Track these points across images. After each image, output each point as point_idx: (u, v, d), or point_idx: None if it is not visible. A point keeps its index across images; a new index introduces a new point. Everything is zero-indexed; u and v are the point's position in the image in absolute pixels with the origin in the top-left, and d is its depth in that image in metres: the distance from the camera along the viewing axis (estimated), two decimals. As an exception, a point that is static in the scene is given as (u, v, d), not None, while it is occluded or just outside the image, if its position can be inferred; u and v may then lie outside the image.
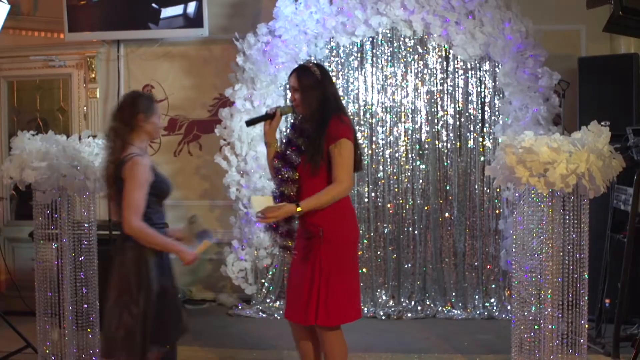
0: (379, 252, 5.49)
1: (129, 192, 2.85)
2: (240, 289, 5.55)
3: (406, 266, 5.45)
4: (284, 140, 3.28)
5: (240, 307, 5.47)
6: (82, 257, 3.65)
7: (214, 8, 5.87)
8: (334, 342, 3.15)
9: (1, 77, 6.31)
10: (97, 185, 3.65)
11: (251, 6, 5.91)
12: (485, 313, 5.24)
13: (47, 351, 3.63)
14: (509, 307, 5.07)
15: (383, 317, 5.26)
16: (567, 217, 3.27)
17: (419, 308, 5.34)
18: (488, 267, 5.35)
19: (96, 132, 4.96)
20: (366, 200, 5.48)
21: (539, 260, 3.33)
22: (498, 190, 5.27)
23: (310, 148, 3.09)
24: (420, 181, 5.46)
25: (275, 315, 5.26)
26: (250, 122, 3.33)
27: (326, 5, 5.25)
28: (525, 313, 3.42)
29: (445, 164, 5.45)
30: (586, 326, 3.35)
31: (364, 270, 5.40)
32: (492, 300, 5.31)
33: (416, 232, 5.45)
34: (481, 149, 5.40)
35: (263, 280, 5.50)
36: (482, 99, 5.41)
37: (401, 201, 5.47)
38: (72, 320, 3.63)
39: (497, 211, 5.34)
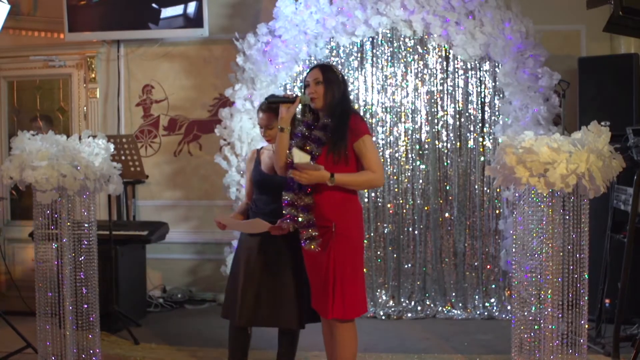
0: (379, 252, 5.49)
1: None
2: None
3: (406, 266, 5.45)
4: (298, 135, 3.24)
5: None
6: (82, 257, 3.64)
7: (214, 8, 5.87)
8: (347, 334, 3.21)
9: (1, 77, 6.31)
10: (97, 186, 3.65)
11: (251, 6, 5.92)
12: (485, 313, 5.24)
13: (47, 351, 3.63)
14: (509, 307, 5.08)
15: (383, 317, 5.27)
16: (567, 217, 3.27)
17: (419, 308, 5.35)
18: (488, 267, 5.36)
19: (96, 132, 4.96)
20: (366, 200, 5.47)
21: (539, 261, 3.33)
22: (498, 190, 5.27)
23: (334, 137, 3.12)
24: (420, 181, 5.46)
25: (275, 315, 5.25)
26: (273, 99, 3.32)
27: (326, 5, 5.24)
28: (525, 313, 3.41)
29: (445, 164, 5.45)
30: (586, 326, 3.34)
31: (364, 270, 5.38)
32: (492, 300, 5.31)
33: (416, 232, 5.45)
34: (481, 149, 5.40)
35: (263, 280, 5.49)
36: (482, 99, 5.41)
37: (401, 201, 5.47)
38: (72, 321, 3.62)
39: (497, 211, 5.34)
